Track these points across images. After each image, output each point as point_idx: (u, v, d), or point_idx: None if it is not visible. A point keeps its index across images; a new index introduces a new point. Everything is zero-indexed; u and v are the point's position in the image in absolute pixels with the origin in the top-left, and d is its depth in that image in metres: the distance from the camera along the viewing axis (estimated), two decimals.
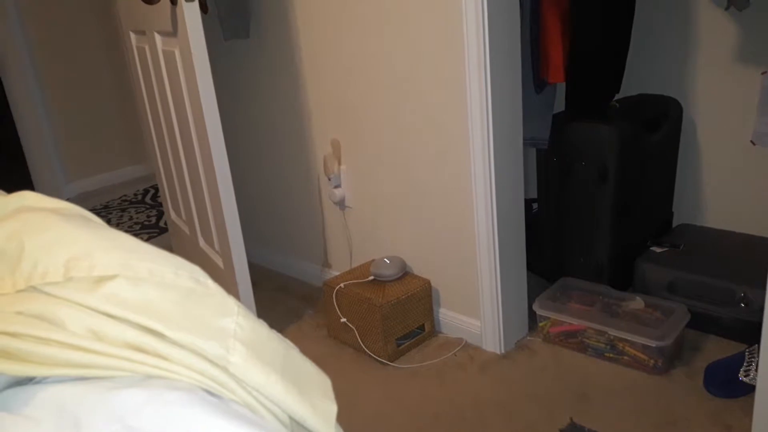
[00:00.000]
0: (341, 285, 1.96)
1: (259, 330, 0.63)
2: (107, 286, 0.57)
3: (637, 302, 1.87)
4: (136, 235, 3.06)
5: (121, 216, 3.46)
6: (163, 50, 1.90)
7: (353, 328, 1.95)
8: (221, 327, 0.60)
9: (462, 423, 1.62)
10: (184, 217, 2.30)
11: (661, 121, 2.13)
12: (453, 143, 1.79)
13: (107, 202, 3.71)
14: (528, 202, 2.11)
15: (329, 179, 2.18)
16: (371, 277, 1.98)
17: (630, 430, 1.54)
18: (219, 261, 2.00)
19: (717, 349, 1.80)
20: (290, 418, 0.62)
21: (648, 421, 1.55)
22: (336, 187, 2.18)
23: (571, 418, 1.59)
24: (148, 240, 3.04)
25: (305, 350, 0.69)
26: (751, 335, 1.71)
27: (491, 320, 1.88)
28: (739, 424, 1.51)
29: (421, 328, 1.99)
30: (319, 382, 0.68)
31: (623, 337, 1.75)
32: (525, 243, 1.92)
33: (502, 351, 1.90)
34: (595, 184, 1.99)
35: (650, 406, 1.60)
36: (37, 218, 0.65)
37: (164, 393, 0.52)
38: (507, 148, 1.76)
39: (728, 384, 1.62)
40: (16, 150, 3.65)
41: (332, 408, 0.66)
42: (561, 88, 2.13)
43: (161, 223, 3.27)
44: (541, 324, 1.94)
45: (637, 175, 2.04)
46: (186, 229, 2.30)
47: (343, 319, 1.97)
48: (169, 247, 2.57)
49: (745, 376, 1.60)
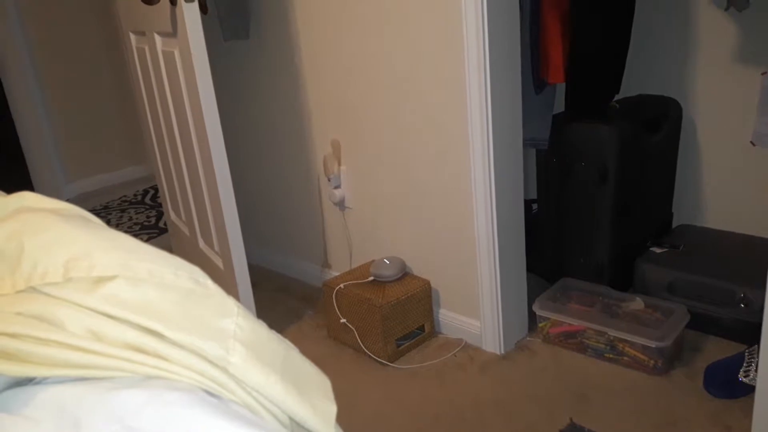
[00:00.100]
0: (341, 285, 1.96)
1: (259, 330, 0.63)
2: (107, 286, 0.57)
3: (637, 303, 1.87)
4: (136, 235, 3.06)
5: (121, 216, 3.46)
6: (163, 51, 1.90)
7: (353, 328, 1.95)
8: (221, 327, 0.59)
9: (462, 423, 1.62)
10: (183, 217, 2.29)
11: (661, 122, 2.14)
12: (453, 144, 1.79)
13: (107, 203, 3.71)
14: (528, 203, 2.11)
15: (329, 180, 2.18)
16: (371, 278, 1.98)
17: (630, 430, 1.54)
18: (219, 262, 2.00)
19: (717, 349, 1.80)
20: (290, 418, 0.62)
21: (648, 422, 1.55)
22: (336, 187, 2.18)
23: (570, 419, 1.59)
24: (147, 241, 3.04)
25: (305, 351, 0.68)
26: (751, 336, 1.71)
27: (491, 321, 1.88)
28: (738, 425, 1.51)
29: (421, 328, 1.99)
30: (319, 382, 0.68)
31: (623, 337, 1.75)
32: (525, 243, 1.92)
33: (502, 351, 1.90)
34: (595, 184, 2.00)
35: (650, 407, 1.60)
36: (37, 219, 0.65)
37: (164, 393, 0.52)
38: (507, 149, 1.76)
39: (728, 384, 1.62)
40: (15, 150, 3.65)
41: (332, 408, 0.66)
42: (561, 88, 2.13)
43: (161, 224, 3.27)
44: (541, 324, 1.94)
45: (637, 176, 2.04)
46: (186, 230, 2.30)
47: (342, 320, 1.97)
48: (169, 248, 2.57)
49: (744, 377, 1.60)
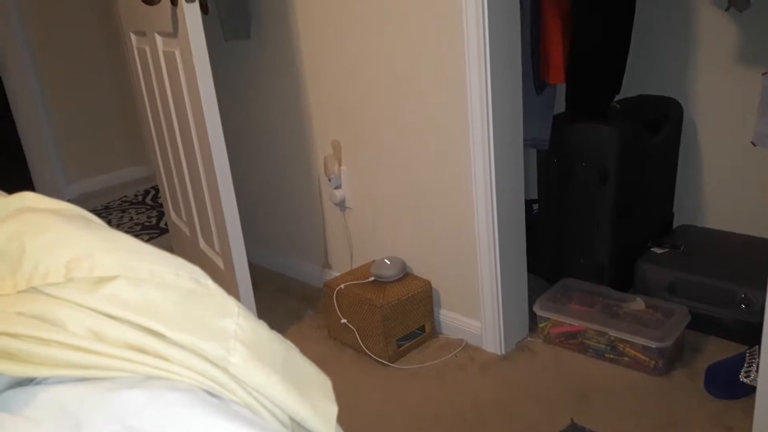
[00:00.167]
0: (342, 286, 1.96)
1: (260, 331, 0.63)
2: (108, 286, 0.57)
3: (637, 303, 1.87)
4: (137, 236, 3.06)
5: (122, 217, 3.46)
6: (164, 51, 1.90)
7: (354, 329, 1.95)
8: (222, 328, 0.60)
9: (462, 424, 1.62)
10: (184, 218, 2.30)
11: (661, 122, 2.13)
12: (453, 144, 1.79)
13: (108, 203, 3.71)
14: (528, 203, 2.11)
15: (330, 180, 2.18)
16: (372, 278, 1.98)
17: (630, 431, 1.53)
18: (219, 262, 2.00)
19: (718, 350, 1.80)
20: (291, 418, 0.62)
21: (648, 423, 1.55)
22: (336, 188, 2.18)
23: (571, 419, 1.59)
24: (148, 241, 3.04)
25: (305, 351, 0.68)
26: (752, 336, 1.71)
27: (492, 321, 1.88)
28: (739, 426, 1.51)
29: (422, 329, 1.99)
30: (320, 382, 0.68)
31: (624, 338, 1.74)
32: (525, 244, 1.92)
33: (503, 352, 1.90)
34: (595, 185, 1.99)
35: (651, 408, 1.60)
36: (38, 219, 0.65)
37: (165, 394, 0.52)
38: (507, 149, 1.76)
39: (729, 385, 1.61)
40: (16, 150, 3.65)
41: (333, 409, 0.66)
42: (561, 89, 2.13)
43: (162, 224, 3.27)
44: (541, 325, 1.93)
45: (638, 176, 2.04)
46: (186, 230, 2.30)
47: (343, 320, 1.97)
48: (170, 248, 2.57)
49: (745, 378, 1.60)
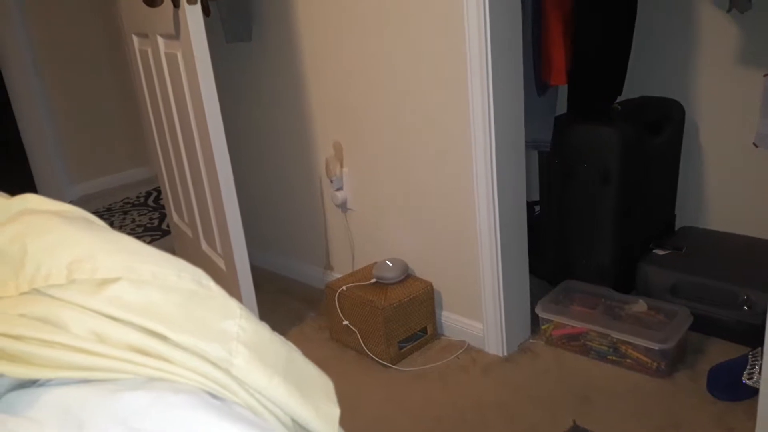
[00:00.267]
0: (343, 287, 1.96)
1: (262, 332, 0.63)
2: (110, 288, 0.57)
3: (639, 305, 1.87)
4: (139, 237, 3.06)
5: (124, 218, 3.47)
6: (166, 53, 1.90)
7: (355, 330, 1.95)
8: (224, 329, 0.60)
9: (464, 426, 1.62)
10: (186, 219, 2.30)
11: (663, 124, 2.13)
12: (455, 145, 1.79)
13: (110, 205, 3.71)
14: (530, 205, 2.11)
15: (331, 181, 2.18)
16: (373, 280, 1.98)
17: None
18: (221, 263, 2.00)
19: (720, 351, 1.79)
20: (293, 420, 0.62)
21: (651, 424, 1.55)
22: (338, 189, 2.18)
23: (573, 421, 1.59)
24: (150, 243, 3.03)
25: (307, 353, 0.68)
26: (755, 338, 1.71)
27: (494, 323, 1.88)
28: (742, 427, 1.50)
29: (424, 330, 1.99)
30: (322, 384, 0.68)
31: (626, 339, 1.74)
32: (527, 245, 1.92)
33: (505, 354, 1.89)
34: (597, 186, 1.99)
35: (653, 409, 1.60)
36: (40, 221, 0.65)
37: (167, 395, 0.52)
38: (509, 151, 1.76)
39: (731, 387, 1.61)
40: (18, 152, 3.66)
41: (335, 411, 0.66)
42: (563, 90, 2.13)
43: (164, 226, 3.27)
44: (543, 327, 1.93)
45: (640, 178, 2.04)
46: (188, 232, 2.31)
47: (345, 322, 1.97)
48: (172, 250, 2.57)
49: (748, 379, 1.60)
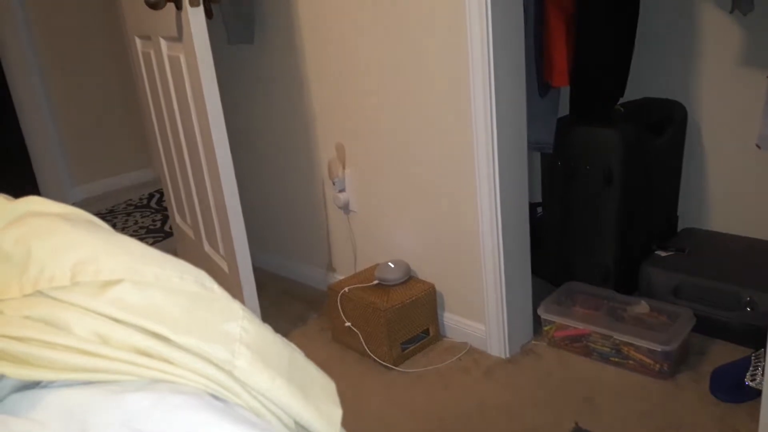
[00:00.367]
0: (346, 289, 1.96)
1: (264, 334, 0.63)
2: (113, 290, 0.58)
3: (642, 306, 1.87)
4: (142, 239, 3.07)
5: (127, 220, 3.47)
6: (169, 55, 1.91)
7: (358, 332, 1.95)
8: (226, 331, 0.60)
9: (466, 427, 1.62)
10: (189, 221, 2.30)
11: (665, 125, 2.13)
12: (457, 147, 1.79)
13: (113, 207, 3.72)
14: (532, 206, 2.11)
15: (333, 183, 2.18)
16: (376, 282, 1.98)
17: None
18: (224, 265, 2.00)
19: (723, 353, 1.79)
20: (295, 422, 0.62)
21: (653, 426, 1.55)
22: (340, 191, 2.18)
23: (576, 423, 1.58)
24: (153, 244, 3.05)
25: (310, 354, 0.69)
26: (758, 339, 1.70)
27: (496, 324, 1.88)
28: (745, 429, 1.50)
29: (426, 332, 1.99)
30: (324, 386, 0.68)
31: (628, 341, 1.74)
32: (530, 247, 1.92)
33: (507, 355, 1.89)
34: (599, 187, 1.99)
35: (656, 411, 1.60)
36: (44, 223, 0.65)
37: (170, 397, 0.52)
38: (511, 152, 1.76)
39: (734, 388, 1.61)
40: (22, 154, 3.66)
41: (337, 412, 0.66)
42: (565, 91, 2.13)
43: (166, 228, 3.28)
44: (546, 328, 1.93)
45: (642, 179, 2.03)
46: (191, 234, 2.31)
47: (347, 324, 1.97)
48: (174, 252, 2.58)
49: (751, 381, 1.59)
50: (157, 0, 1.61)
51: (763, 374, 1.56)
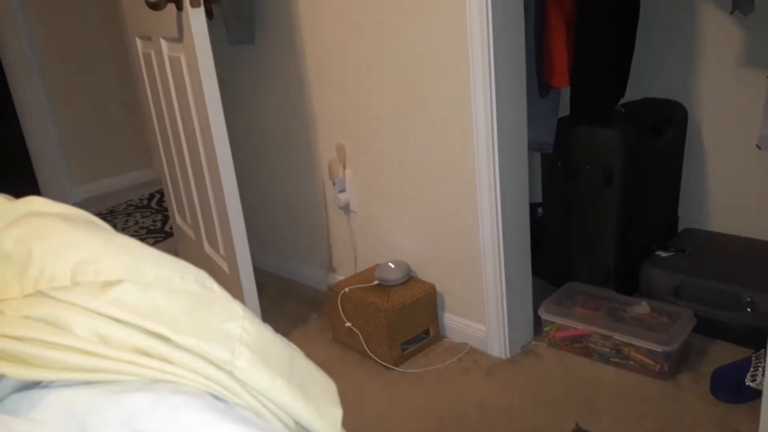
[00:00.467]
0: (346, 289, 1.97)
1: (265, 334, 0.63)
2: (114, 290, 0.58)
3: (642, 307, 1.87)
4: (142, 239, 3.07)
5: (127, 220, 3.47)
6: (169, 56, 1.91)
7: (358, 332, 1.95)
8: (227, 331, 0.60)
9: (466, 428, 1.62)
10: (189, 221, 2.30)
11: (666, 125, 2.13)
12: (457, 147, 1.79)
13: (113, 207, 3.72)
14: (533, 207, 2.11)
15: (334, 184, 2.18)
16: (376, 282, 1.98)
17: None
18: (224, 265, 2.00)
19: (723, 354, 1.79)
20: (295, 422, 0.62)
21: (654, 426, 1.55)
22: (341, 191, 2.18)
23: (576, 423, 1.58)
24: (153, 244, 3.05)
25: (310, 354, 0.69)
26: (758, 340, 1.70)
27: (496, 325, 1.88)
28: (745, 430, 1.50)
29: (426, 332, 1.99)
30: (325, 386, 0.68)
31: (629, 341, 1.74)
32: (530, 247, 1.92)
33: (507, 356, 1.89)
34: (600, 188, 1.99)
35: (656, 411, 1.60)
36: (45, 223, 0.65)
37: (171, 397, 0.52)
38: (512, 153, 1.76)
39: (735, 389, 1.61)
40: (22, 155, 3.67)
41: (337, 412, 0.66)
42: (565, 92, 2.13)
43: (167, 228, 3.28)
44: (546, 329, 1.93)
45: (643, 179, 2.03)
46: (191, 234, 2.31)
47: (347, 324, 1.97)
48: (175, 252, 2.58)
49: (751, 381, 1.59)
50: (158, 0, 1.62)
51: (763, 375, 1.56)
